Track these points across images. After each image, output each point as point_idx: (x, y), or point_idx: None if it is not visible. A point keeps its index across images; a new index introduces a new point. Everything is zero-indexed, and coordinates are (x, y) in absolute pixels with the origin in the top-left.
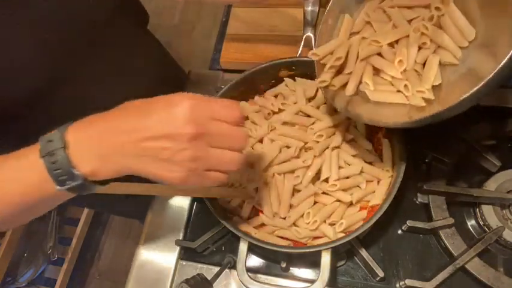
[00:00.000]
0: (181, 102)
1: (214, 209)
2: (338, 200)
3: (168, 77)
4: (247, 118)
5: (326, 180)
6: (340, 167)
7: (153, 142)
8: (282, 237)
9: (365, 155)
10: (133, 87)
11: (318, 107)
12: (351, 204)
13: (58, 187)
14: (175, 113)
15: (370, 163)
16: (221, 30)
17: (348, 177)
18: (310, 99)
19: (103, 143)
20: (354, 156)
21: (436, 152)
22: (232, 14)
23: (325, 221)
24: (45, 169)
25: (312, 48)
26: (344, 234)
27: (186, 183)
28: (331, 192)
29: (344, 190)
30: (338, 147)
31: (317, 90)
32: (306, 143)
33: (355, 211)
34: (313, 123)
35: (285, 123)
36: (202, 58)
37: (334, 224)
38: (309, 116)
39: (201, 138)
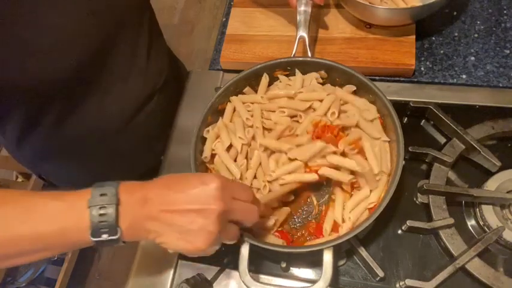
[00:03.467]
0: (212, 181)
1: None
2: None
3: (173, 75)
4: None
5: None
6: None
7: (186, 214)
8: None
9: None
10: (140, 86)
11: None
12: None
13: (92, 238)
14: (207, 190)
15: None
16: (221, 30)
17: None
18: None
19: (144, 210)
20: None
21: (436, 152)
22: (232, 14)
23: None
24: (88, 218)
25: (306, 48)
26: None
27: (203, 252)
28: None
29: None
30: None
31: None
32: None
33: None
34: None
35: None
36: (202, 58)
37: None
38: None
39: (226, 214)
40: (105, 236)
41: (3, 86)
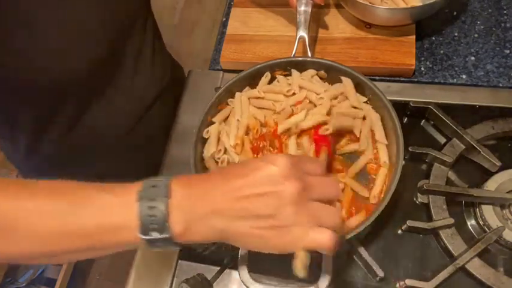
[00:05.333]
0: (278, 159)
1: None
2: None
3: (174, 75)
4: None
5: None
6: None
7: (256, 199)
8: None
9: None
10: (142, 90)
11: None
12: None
13: (141, 235)
14: (275, 170)
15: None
16: (221, 30)
17: None
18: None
19: (200, 204)
20: None
21: (436, 152)
22: (232, 14)
23: None
24: (137, 213)
25: (306, 48)
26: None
27: (287, 240)
28: None
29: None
30: None
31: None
32: None
33: None
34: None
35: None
36: (202, 58)
37: None
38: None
39: (303, 193)
40: (155, 235)
41: (14, 78)
